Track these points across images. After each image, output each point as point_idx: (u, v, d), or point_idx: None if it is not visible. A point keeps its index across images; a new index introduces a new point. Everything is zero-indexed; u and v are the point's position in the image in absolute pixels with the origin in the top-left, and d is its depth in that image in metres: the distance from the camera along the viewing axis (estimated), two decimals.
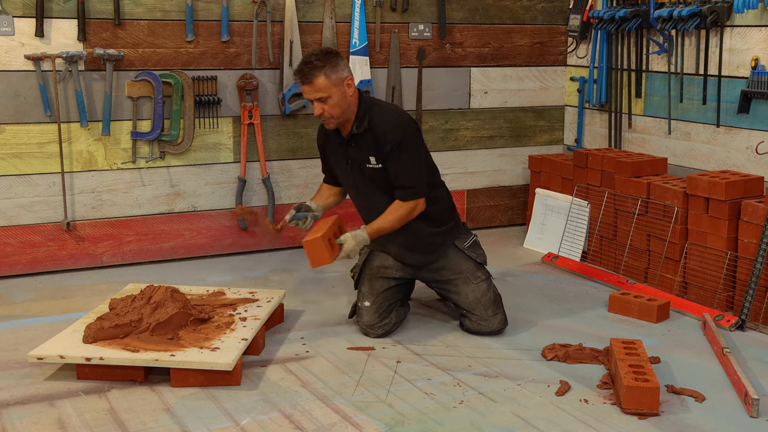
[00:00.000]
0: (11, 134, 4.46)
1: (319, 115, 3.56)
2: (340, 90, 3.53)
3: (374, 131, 3.59)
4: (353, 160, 3.68)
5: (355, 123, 3.62)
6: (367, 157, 3.64)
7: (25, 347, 3.54)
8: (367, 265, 3.87)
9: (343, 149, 3.71)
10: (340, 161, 3.75)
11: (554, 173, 5.31)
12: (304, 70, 3.52)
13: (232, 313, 3.67)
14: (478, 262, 3.83)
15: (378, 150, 3.60)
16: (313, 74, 3.49)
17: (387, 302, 3.80)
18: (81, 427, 2.93)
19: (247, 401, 3.13)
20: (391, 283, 3.84)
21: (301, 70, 3.53)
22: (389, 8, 5.20)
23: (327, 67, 3.50)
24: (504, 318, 3.80)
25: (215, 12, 4.78)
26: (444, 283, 3.84)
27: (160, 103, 4.66)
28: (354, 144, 3.66)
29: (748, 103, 4.44)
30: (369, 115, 3.61)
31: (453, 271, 3.80)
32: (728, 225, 4.14)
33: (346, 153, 3.70)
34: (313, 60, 3.52)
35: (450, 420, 3.01)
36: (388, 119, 3.62)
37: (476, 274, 3.80)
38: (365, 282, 3.85)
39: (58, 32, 4.46)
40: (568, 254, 4.98)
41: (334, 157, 3.79)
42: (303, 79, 3.52)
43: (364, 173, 3.68)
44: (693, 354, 3.65)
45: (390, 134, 3.57)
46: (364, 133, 3.61)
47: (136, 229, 4.81)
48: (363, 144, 3.63)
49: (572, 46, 5.69)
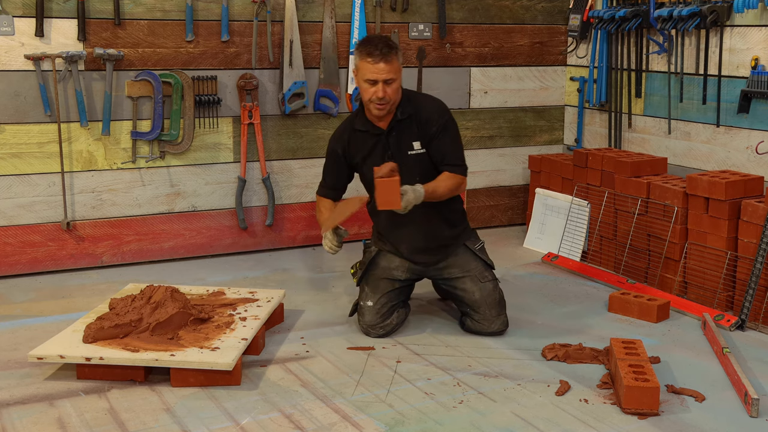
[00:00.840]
0: (11, 134, 4.46)
1: (382, 98, 3.56)
2: (400, 75, 3.62)
3: (419, 115, 3.68)
4: (394, 150, 3.70)
5: (398, 110, 3.67)
6: (410, 143, 3.70)
7: (25, 347, 3.54)
8: (372, 265, 3.86)
9: (381, 142, 3.72)
10: (376, 156, 3.72)
11: (554, 173, 5.31)
12: (383, 48, 3.54)
13: (232, 312, 3.67)
14: (487, 264, 3.86)
15: (423, 133, 3.69)
16: (392, 54, 3.55)
17: (390, 303, 3.80)
18: (81, 427, 2.93)
19: (247, 401, 3.13)
20: (395, 284, 3.83)
21: (379, 47, 3.53)
22: (389, 8, 5.20)
23: (397, 49, 3.59)
24: (506, 320, 3.81)
25: (215, 12, 4.78)
26: (451, 280, 3.84)
27: (160, 103, 4.66)
28: (395, 132, 3.70)
29: (748, 102, 4.44)
30: (412, 102, 3.71)
31: (462, 269, 3.82)
32: (728, 225, 4.14)
33: (385, 144, 3.71)
34: (387, 40, 3.58)
35: (450, 420, 3.01)
36: (431, 103, 3.76)
37: (484, 274, 3.82)
38: (369, 281, 3.84)
39: (58, 32, 4.46)
40: (568, 254, 4.98)
41: (367, 154, 3.75)
42: (383, 57, 3.52)
43: (406, 160, 3.68)
44: (693, 354, 3.65)
45: (436, 115, 3.70)
46: (406, 120, 3.68)
47: (136, 229, 4.81)
48: (405, 130, 3.70)
49: (572, 45, 5.69)
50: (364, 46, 3.59)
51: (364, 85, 3.60)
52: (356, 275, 3.93)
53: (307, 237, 5.24)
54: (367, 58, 3.54)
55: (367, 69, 3.56)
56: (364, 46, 3.60)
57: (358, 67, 3.61)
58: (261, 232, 5.11)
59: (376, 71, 3.54)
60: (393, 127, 3.70)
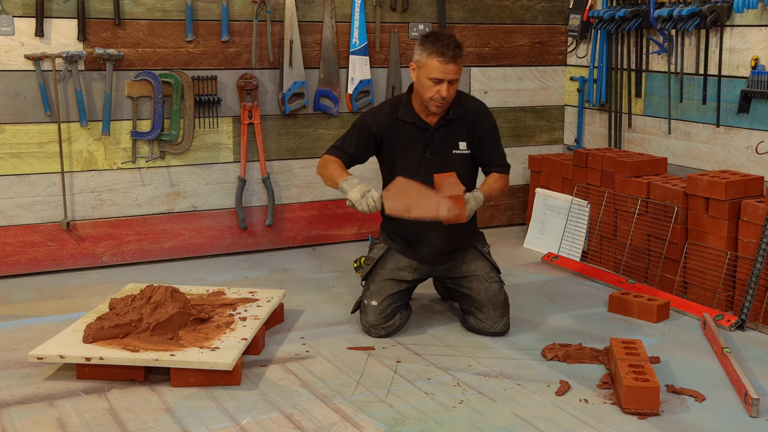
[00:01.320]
0: (11, 134, 4.46)
1: (444, 97, 3.56)
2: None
3: (468, 116, 3.72)
4: (438, 147, 3.71)
5: (451, 109, 3.69)
6: (456, 143, 3.73)
7: (25, 347, 3.54)
8: (380, 265, 3.83)
9: (425, 137, 3.71)
10: (416, 149, 3.72)
11: (554, 173, 5.31)
12: (456, 49, 3.55)
13: (232, 312, 3.67)
14: (494, 266, 3.88)
15: (472, 134, 3.74)
16: (461, 55, 3.57)
17: (394, 304, 3.79)
18: (81, 427, 2.93)
19: (247, 401, 3.13)
20: (401, 286, 3.83)
21: (451, 47, 3.53)
22: (389, 8, 5.20)
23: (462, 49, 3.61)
24: (508, 322, 3.82)
25: (215, 12, 4.78)
26: (458, 279, 3.85)
27: (160, 103, 4.66)
28: (442, 131, 3.71)
29: (748, 102, 4.44)
30: (461, 103, 3.73)
31: (469, 268, 3.83)
32: (728, 225, 4.14)
33: (429, 141, 3.71)
34: (457, 41, 3.58)
35: (450, 420, 3.01)
36: (478, 104, 3.84)
37: (490, 274, 3.84)
38: (375, 281, 3.82)
39: (58, 32, 4.46)
40: (568, 254, 4.98)
41: (405, 145, 3.73)
42: (454, 58, 3.53)
43: (446, 159, 3.70)
44: (693, 354, 3.65)
45: (485, 117, 3.79)
46: (456, 120, 3.70)
47: (136, 228, 4.81)
48: (453, 130, 3.72)
49: (572, 45, 5.69)
50: (435, 44, 3.55)
51: (427, 82, 3.57)
52: (360, 270, 3.92)
53: (307, 237, 5.24)
54: (438, 57, 3.53)
55: (436, 68, 3.54)
56: (435, 43, 3.55)
57: (424, 64, 3.56)
58: (261, 232, 5.11)
59: (445, 71, 3.54)
60: (441, 125, 3.70)
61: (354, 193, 3.54)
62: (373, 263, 3.84)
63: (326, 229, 5.27)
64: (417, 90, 3.67)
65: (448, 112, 3.70)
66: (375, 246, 3.92)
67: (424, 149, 3.72)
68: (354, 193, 3.54)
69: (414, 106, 3.73)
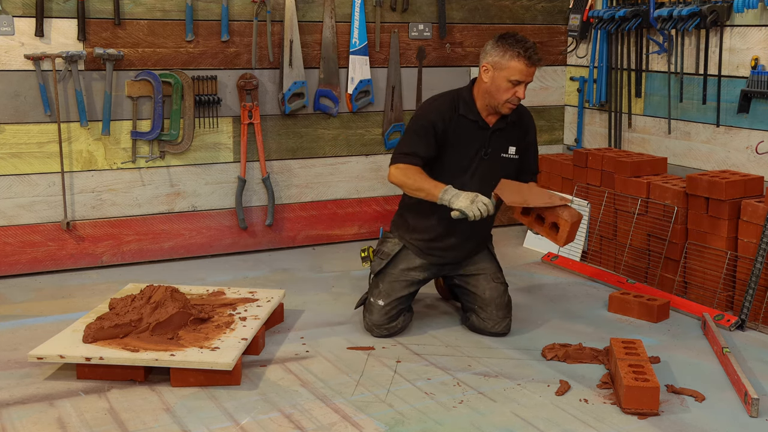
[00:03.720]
0: (11, 134, 4.46)
1: (519, 99, 3.60)
2: None
3: (521, 121, 3.77)
4: (491, 148, 3.72)
5: (513, 112, 3.70)
6: (507, 147, 3.75)
7: (25, 347, 3.54)
8: (392, 264, 3.81)
9: (483, 136, 3.71)
10: (470, 147, 3.71)
11: (554, 173, 5.31)
12: (535, 50, 3.57)
13: (231, 312, 3.67)
14: (500, 267, 3.92)
15: (522, 139, 3.77)
16: (541, 57, 3.62)
17: (399, 306, 3.79)
18: (81, 426, 2.93)
19: (247, 401, 3.13)
20: (411, 288, 3.82)
21: (534, 49, 3.57)
22: (389, 8, 5.20)
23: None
24: (510, 324, 3.82)
25: (215, 12, 4.78)
26: (465, 276, 3.86)
27: (159, 103, 4.66)
28: (499, 133, 3.72)
29: (747, 102, 4.44)
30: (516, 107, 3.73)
31: (478, 266, 3.85)
32: (728, 225, 4.14)
33: (487, 141, 3.71)
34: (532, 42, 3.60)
35: (450, 420, 3.01)
36: (528, 111, 3.89)
37: (497, 275, 3.86)
38: (385, 281, 3.79)
39: (57, 32, 4.46)
40: (568, 254, 4.98)
41: (461, 142, 3.70)
42: (535, 61, 3.56)
43: (496, 162, 3.73)
44: (693, 354, 3.65)
45: (532, 123, 3.87)
46: (510, 124, 3.73)
47: (136, 228, 4.81)
48: (508, 134, 3.75)
49: (572, 45, 5.69)
50: (517, 47, 3.54)
51: (505, 84, 3.56)
52: (367, 261, 3.91)
53: (307, 237, 5.24)
54: (524, 60, 3.54)
55: (519, 70, 3.54)
56: (517, 46, 3.54)
57: (505, 66, 3.54)
58: (261, 232, 5.11)
59: (527, 74, 3.56)
60: (500, 127, 3.72)
61: (462, 201, 3.46)
62: (387, 260, 3.80)
63: (326, 229, 5.27)
64: (487, 90, 3.62)
65: (506, 115, 3.70)
66: (388, 240, 3.86)
67: (479, 149, 3.71)
68: (462, 202, 3.46)
69: (478, 105, 3.70)
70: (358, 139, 5.25)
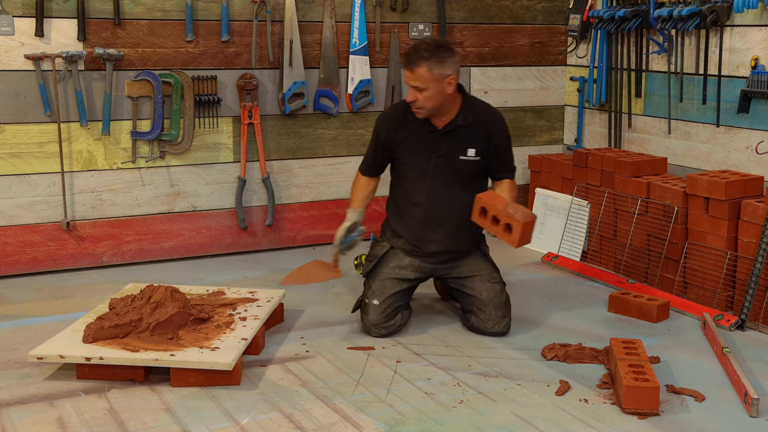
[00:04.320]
0: (11, 134, 4.46)
1: (412, 102, 3.59)
2: (438, 86, 3.57)
3: (482, 123, 3.72)
4: (444, 150, 3.71)
5: (460, 115, 3.69)
6: (464, 150, 3.72)
7: (25, 347, 3.54)
8: (382, 264, 3.84)
9: (432, 140, 3.72)
10: (423, 151, 3.73)
11: (554, 173, 5.31)
12: (410, 55, 3.57)
13: (231, 312, 3.67)
14: (495, 266, 3.90)
15: (484, 141, 3.72)
16: (417, 63, 3.55)
17: (395, 304, 3.80)
18: (81, 426, 2.93)
19: (247, 401, 3.13)
20: (403, 285, 3.83)
21: (408, 55, 3.59)
22: (389, 8, 5.20)
23: (433, 60, 3.55)
24: (509, 323, 3.82)
25: (215, 12, 4.78)
26: (461, 278, 3.85)
27: (159, 103, 4.66)
28: (450, 135, 3.71)
29: (747, 102, 4.44)
30: (475, 110, 3.72)
31: (472, 268, 3.84)
32: (728, 225, 4.14)
33: (437, 143, 3.72)
34: (422, 49, 3.57)
35: (450, 420, 3.01)
36: (494, 114, 3.83)
37: (493, 275, 3.85)
38: (377, 280, 3.82)
39: (57, 32, 4.46)
40: (568, 254, 4.98)
41: (413, 146, 3.74)
42: (407, 64, 3.57)
43: (452, 165, 3.72)
44: (693, 354, 3.65)
45: (500, 126, 3.79)
46: (466, 126, 3.69)
47: (136, 228, 4.81)
48: (462, 136, 3.71)
49: (572, 45, 5.69)
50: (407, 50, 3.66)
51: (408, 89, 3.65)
52: (360, 267, 3.93)
53: (307, 237, 5.24)
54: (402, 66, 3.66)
55: (405, 76, 3.62)
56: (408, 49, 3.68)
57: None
58: (261, 232, 5.11)
59: (411, 78, 3.58)
60: (449, 130, 3.71)
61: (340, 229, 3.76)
62: (376, 261, 3.84)
63: (326, 229, 5.26)
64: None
65: (457, 117, 3.70)
66: (377, 244, 3.92)
67: (431, 152, 3.73)
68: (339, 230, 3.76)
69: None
70: (358, 139, 5.25)
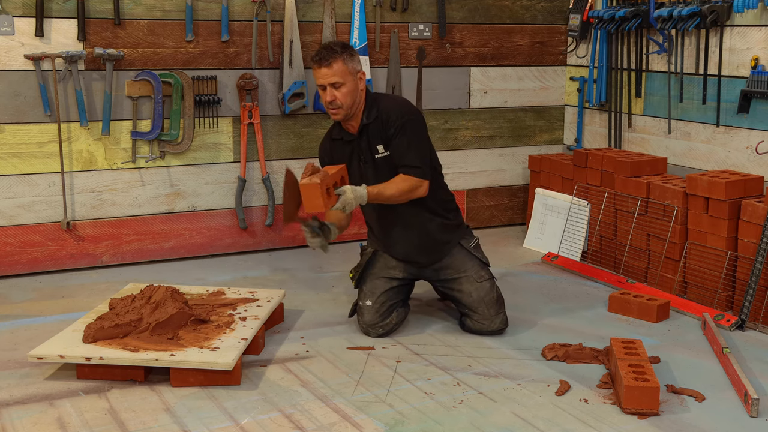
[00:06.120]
0: (11, 134, 4.46)
1: (330, 101, 3.58)
2: (354, 80, 3.60)
3: (381, 117, 3.67)
4: (364, 153, 3.71)
5: (364, 114, 3.68)
6: (376, 147, 3.69)
7: (25, 347, 3.54)
8: (370, 265, 3.88)
9: (353, 146, 3.73)
10: (353, 162, 3.75)
11: (554, 173, 5.31)
12: (323, 53, 3.58)
13: (231, 312, 3.67)
14: (483, 262, 3.86)
15: (384, 136, 3.66)
16: (333, 58, 3.56)
17: (388, 302, 3.80)
18: (81, 426, 2.93)
19: (246, 401, 3.13)
20: (393, 283, 3.84)
21: (320, 53, 3.59)
22: (389, 8, 5.20)
23: (346, 54, 3.59)
24: (505, 318, 3.81)
25: (215, 12, 4.78)
26: (448, 281, 3.84)
27: (159, 103, 4.66)
28: (364, 136, 3.70)
29: (747, 102, 4.44)
30: (377, 104, 3.69)
31: (458, 269, 3.82)
32: (728, 225, 4.14)
33: (357, 148, 3.72)
34: (333, 46, 3.61)
35: (450, 420, 3.01)
36: (394, 104, 3.73)
37: (480, 273, 3.82)
38: (367, 281, 3.85)
39: (57, 32, 4.46)
40: (568, 254, 4.98)
41: (346, 159, 3.77)
42: (322, 61, 3.57)
43: (374, 165, 3.71)
44: (693, 354, 3.65)
45: (394, 116, 3.64)
46: (373, 123, 3.67)
47: (136, 228, 4.81)
48: (372, 134, 3.69)
49: (572, 45, 5.69)
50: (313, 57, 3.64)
51: (321, 92, 3.64)
52: (355, 278, 3.93)
53: None
54: (314, 65, 3.61)
55: (317, 75, 3.61)
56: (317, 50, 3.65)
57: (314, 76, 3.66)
58: (261, 232, 5.11)
59: (321, 75, 3.59)
60: (362, 131, 3.70)
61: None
62: (362, 267, 3.88)
63: None
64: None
65: (362, 116, 3.68)
66: (363, 253, 3.96)
67: (358, 160, 3.74)
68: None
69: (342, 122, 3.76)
70: None
